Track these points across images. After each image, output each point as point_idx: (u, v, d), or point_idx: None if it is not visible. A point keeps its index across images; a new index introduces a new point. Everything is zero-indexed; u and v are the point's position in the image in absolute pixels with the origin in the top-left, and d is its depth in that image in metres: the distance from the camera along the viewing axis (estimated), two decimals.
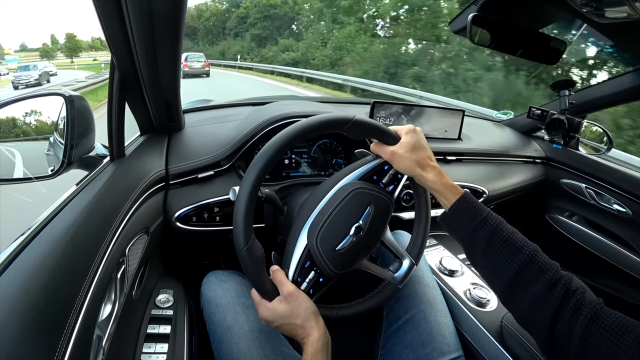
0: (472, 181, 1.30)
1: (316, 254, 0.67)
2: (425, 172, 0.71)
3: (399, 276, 0.78)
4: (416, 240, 0.81)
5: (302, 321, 0.63)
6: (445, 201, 0.70)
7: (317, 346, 0.62)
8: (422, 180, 0.72)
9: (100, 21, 0.63)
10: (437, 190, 0.70)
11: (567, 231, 1.55)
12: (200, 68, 18.41)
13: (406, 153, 0.71)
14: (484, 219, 0.65)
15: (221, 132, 1.06)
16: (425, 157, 0.72)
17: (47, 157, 0.87)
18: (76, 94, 0.82)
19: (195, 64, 18.43)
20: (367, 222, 0.70)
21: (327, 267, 0.67)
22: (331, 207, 0.69)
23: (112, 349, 0.60)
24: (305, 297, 0.66)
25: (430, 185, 0.71)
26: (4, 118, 0.82)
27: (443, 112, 1.36)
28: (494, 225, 0.64)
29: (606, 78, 1.34)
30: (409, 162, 0.71)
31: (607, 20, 0.70)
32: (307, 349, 0.62)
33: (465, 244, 0.68)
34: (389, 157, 0.73)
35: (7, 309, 0.43)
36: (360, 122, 0.70)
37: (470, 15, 0.94)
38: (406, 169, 0.72)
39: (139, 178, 0.82)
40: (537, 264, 0.61)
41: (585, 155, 1.50)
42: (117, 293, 0.65)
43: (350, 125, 0.69)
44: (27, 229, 0.57)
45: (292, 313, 0.64)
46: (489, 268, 0.64)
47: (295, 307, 0.64)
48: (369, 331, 0.94)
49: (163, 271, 1.02)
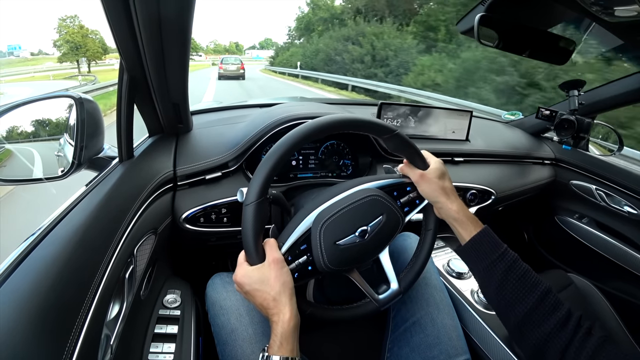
0: (480, 182, 1.29)
1: (316, 240, 0.66)
2: (450, 201, 0.73)
3: (382, 299, 0.75)
4: (411, 269, 0.79)
5: (276, 293, 0.60)
6: (464, 232, 0.71)
7: (287, 328, 0.59)
8: (445, 208, 0.73)
9: (109, 24, 0.64)
10: (459, 221, 0.71)
11: (576, 233, 1.53)
12: (234, 70, 18.70)
13: (434, 179, 0.73)
14: (502, 253, 0.66)
15: (229, 134, 1.06)
16: (451, 187, 0.75)
17: (57, 158, 0.88)
18: (86, 97, 0.83)
19: (230, 66, 18.78)
20: (374, 229, 0.69)
21: (321, 257, 0.66)
22: (345, 203, 0.69)
23: (120, 348, 0.61)
24: (288, 272, 0.63)
25: (453, 215, 0.72)
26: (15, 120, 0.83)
27: (451, 113, 1.35)
28: (511, 260, 0.66)
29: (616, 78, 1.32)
30: (436, 187, 0.73)
31: (616, 19, 0.69)
32: (276, 328, 0.59)
33: (480, 276, 0.69)
34: (417, 179, 0.74)
35: (17, 307, 0.44)
36: (400, 137, 0.72)
37: (478, 15, 0.93)
38: (431, 194, 0.74)
39: (147, 179, 0.83)
40: (552, 300, 0.62)
41: (595, 156, 1.49)
42: (125, 293, 0.66)
43: (390, 136, 0.71)
44: (37, 229, 0.58)
45: (270, 282, 0.61)
46: (504, 302, 0.65)
47: (275, 276, 0.61)
48: (375, 333, 0.93)
49: (171, 272, 1.03)
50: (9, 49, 43.68)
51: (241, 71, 18.85)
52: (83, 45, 37.11)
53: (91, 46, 38.02)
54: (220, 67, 18.99)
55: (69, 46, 37.08)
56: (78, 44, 36.61)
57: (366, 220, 0.69)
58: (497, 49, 0.98)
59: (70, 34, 37.51)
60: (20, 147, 0.85)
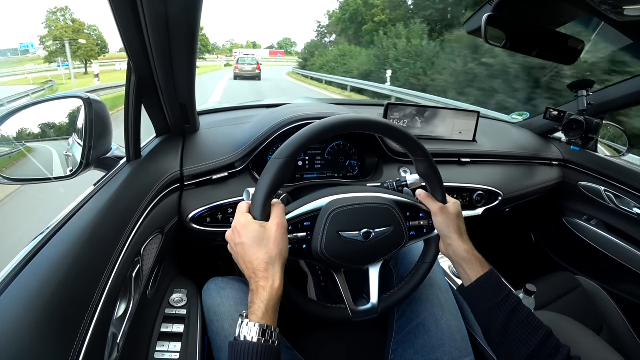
0: (487, 183, 1.29)
1: (322, 222, 0.66)
2: (462, 241, 0.73)
3: (357, 311, 0.71)
4: (395, 294, 0.77)
5: (270, 258, 0.57)
6: (472, 272, 0.71)
7: (275, 296, 0.56)
8: (455, 246, 0.72)
9: (117, 25, 0.64)
10: (467, 260, 0.71)
11: (585, 235, 1.52)
12: (250, 71, 18.56)
13: (452, 215, 0.74)
14: (507, 296, 0.66)
15: (235, 134, 1.07)
16: (464, 228, 0.75)
17: (66, 158, 0.89)
18: (94, 97, 0.84)
19: (246, 66, 18.65)
20: (378, 236, 0.69)
21: (320, 240, 0.65)
22: (360, 202, 0.70)
23: (127, 347, 0.61)
24: (287, 242, 0.61)
25: (462, 254, 0.72)
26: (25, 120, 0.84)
27: (458, 113, 1.34)
28: (515, 303, 0.66)
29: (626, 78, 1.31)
30: (452, 223, 0.73)
31: (626, 19, 0.68)
32: (263, 294, 0.55)
33: (484, 317, 0.69)
34: (436, 211, 0.74)
35: (25, 305, 0.45)
36: (432, 165, 0.74)
37: (485, 15, 0.93)
38: (445, 229, 0.73)
39: (154, 179, 0.84)
40: (553, 343, 0.64)
41: (604, 157, 1.47)
42: (132, 292, 0.67)
43: (424, 159, 0.73)
44: (45, 228, 0.59)
45: (269, 244, 0.57)
46: (507, 344, 0.65)
47: (275, 240, 0.58)
48: (380, 335, 0.93)
49: (177, 271, 1.03)
50: (22, 47, 42.79)
51: (257, 71, 18.69)
52: (75, 43, 32.18)
53: (84, 44, 33.25)
54: (236, 67, 18.94)
55: (58, 44, 32.30)
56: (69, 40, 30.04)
57: (374, 225, 0.69)
58: (504, 49, 0.98)
59: (59, 29, 33.18)
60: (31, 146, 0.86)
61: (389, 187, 1.00)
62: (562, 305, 1.23)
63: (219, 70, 31.26)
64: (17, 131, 0.83)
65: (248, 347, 0.51)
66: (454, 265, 0.74)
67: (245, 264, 0.59)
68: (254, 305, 0.55)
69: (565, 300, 1.25)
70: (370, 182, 1.10)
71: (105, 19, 6.77)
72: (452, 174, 1.24)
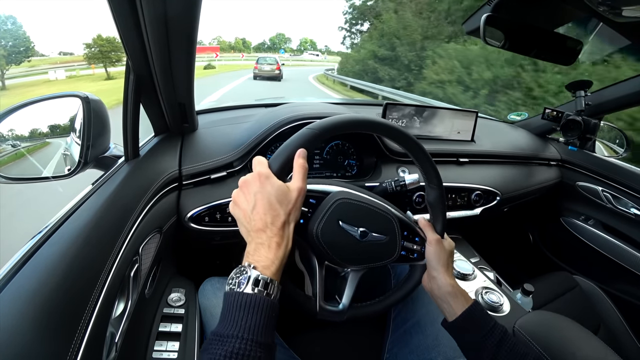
0: (485, 183, 1.29)
1: (326, 206, 0.66)
2: (449, 276, 0.72)
3: (324, 308, 0.69)
4: (366, 307, 0.74)
5: (287, 219, 0.55)
6: (456, 306, 0.69)
7: (286, 257, 0.54)
8: (441, 279, 0.71)
9: (115, 23, 0.64)
10: (452, 294, 0.70)
11: (582, 235, 1.52)
12: (269, 71, 18.19)
13: (446, 250, 0.74)
14: (493, 327, 0.65)
15: (234, 133, 1.07)
16: (452, 267, 0.75)
17: (64, 157, 0.89)
18: (92, 96, 0.83)
19: (265, 66, 18.27)
20: (372, 241, 0.68)
21: (319, 222, 0.65)
22: (367, 203, 0.70)
23: (125, 346, 0.61)
24: (300, 212, 0.59)
25: (447, 287, 0.70)
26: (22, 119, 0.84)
27: (456, 113, 1.35)
28: (501, 333, 0.65)
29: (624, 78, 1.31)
30: (443, 257, 0.73)
31: (624, 20, 0.68)
32: (277, 251, 0.53)
33: (473, 350, 0.68)
34: (432, 240, 0.74)
35: (24, 304, 0.45)
36: (442, 196, 0.75)
37: (484, 15, 0.93)
38: (436, 260, 0.73)
39: (152, 178, 0.84)
40: None
41: (602, 157, 1.48)
42: (130, 291, 0.66)
43: (436, 188, 0.74)
44: (43, 227, 0.59)
45: (289, 205, 0.56)
46: None
47: (294, 204, 0.56)
48: (377, 334, 0.93)
49: (175, 270, 1.03)
50: None
51: (277, 72, 18.20)
52: None
53: None
54: (256, 67, 18.58)
55: None
56: None
57: (372, 228, 0.69)
58: (503, 49, 0.98)
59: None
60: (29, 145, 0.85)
61: (388, 186, 1.00)
62: (560, 304, 1.23)
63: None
64: (15, 130, 0.83)
65: (259, 301, 0.48)
66: (436, 300, 0.72)
67: (259, 214, 0.54)
68: (266, 259, 0.52)
69: (562, 299, 1.26)
70: (369, 181, 1.10)
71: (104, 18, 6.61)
72: (450, 174, 1.25)
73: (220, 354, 0.43)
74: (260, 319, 0.47)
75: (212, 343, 0.45)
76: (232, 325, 0.46)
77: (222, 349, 0.43)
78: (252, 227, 0.54)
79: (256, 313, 0.47)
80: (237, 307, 0.47)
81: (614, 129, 1.53)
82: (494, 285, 1.06)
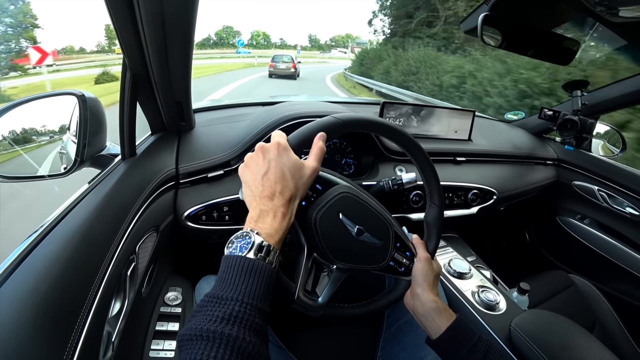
0: (482, 182, 1.29)
1: (329, 196, 0.66)
2: (433, 292, 0.71)
3: (301, 299, 0.66)
4: (343, 309, 0.73)
5: (296, 193, 0.56)
6: (440, 322, 0.68)
7: (287, 229, 0.54)
8: (423, 296, 0.70)
9: (112, 22, 0.64)
10: (436, 309, 0.69)
11: (578, 234, 1.53)
12: (285, 69, 18.10)
13: (434, 270, 0.74)
14: (478, 341, 0.65)
15: (231, 132, 1.06)
16: (438, 286, 0.75)
17: (60, 156, 0.88)
18: (89, 94, 0.83)
19: (281, 64, 18.20)
20: (366, 242, 0.69)
21: (319, 209, 0.64)
22: (370, 205, 0.71)
23: (122, 345, 0.61)
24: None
25: (430, 304, 0.69)
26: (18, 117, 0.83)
27: (453, 112, 1.35)
28: (486, 347, 0.65)
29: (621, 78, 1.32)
30: (430, 275, 0.72)
31: (621, 20, 0.68)
32: (282, 221, 0.53)
33: None
34: (422, 257, 0.73)
35: (20, 304, 0.44)
36: (441, 215, 0.76)
37: (482, 15, 0.93)
38: (421, 277, 0.72)
39: (149, 177, 0.83)
40: None
41: (598, 157, 1.48)
42: (127, 290, 0.66)
43: (437, 208, 0.76)
44: (40, 226, 0.59)
45: (300, 180, 0.56)
46: None
47: (305, 182, 0.58)
48: (371, 332, 0.94)
49: (172, 269, 1.03)
50: None
51: (292, 70, 18.08)
52: None
53: None
54: (271, 65, 18.49)
55: None
56: None
57: (370, 230, 0.69)
58: (500, 48, 0.98)
59: None
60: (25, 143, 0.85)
61: (385, 185, 1.00)
62: (556, 303, 1.24)
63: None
64: (10, 128, 0.82)
65: (261, 267, 0.47)
66: (419, 318, 0.71)
67: (269, 181, 0.54)
68: (271, 228, 0.51)
69: (558, 298, 1.27)
70: (366, 180, 1.10)
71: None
72: (447, 173, 1.25)
73: (217, 315, 0.41)
74: (261, 285, 0.46)
75: (208, 305, 0.43)
76: (232, 288, 0.45)
77: (219, 310, 0.42)
78: (259, 193, 0.54)
79: (258, 279, 0.46)
80: (238, 271, 0.46)
81: (610, 129, 1.53)
82: (490, 283, 1.06)
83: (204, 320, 0.41)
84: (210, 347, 0.38)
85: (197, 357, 0.37)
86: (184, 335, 0.41)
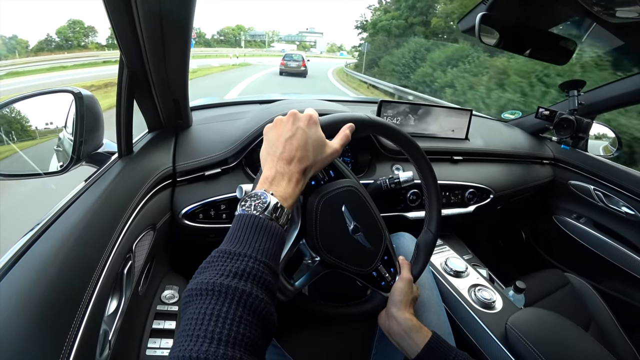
0: (479, 181, 1.30)
1: (339, 185, 0.67)
2: (409, 311, 0.72)
3: (283, 283, 0.66)
4: (313, 305, 0.73)
5: (312, 165, 0.56)
6: (418, 339, 0.68)
7: (298, 197, 0.55)
8: (399, 316, 0.71)
9: (109, 19, 0.64)
10: (412, 327, 0.69)
11: (574, 233, 1.54)
12: (295, 67, 18.75)
13: (413, 293, 0.76)
14: (455, 355, 0.65)
15: (229, 130, 1.06)
16: (414, 307, 0.76)
17: (56, 153, 0.88)
18: (85, 92, 0.82)
19: (292, 62, 18.89)
20: (359, 241, 0.69)
21: (324, 196, 0.65)
22: (373, 208, 0.72)
23: (118, 344, 0.61)
24: None
25: (407, 322, 0.70)
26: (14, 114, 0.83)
27: (450, 111, 1.35)
28: (466, 358, 0.65)
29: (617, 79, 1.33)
30: (408, 296, 0.74)
31: (618, 20, 0.69)
32: (296, 186, 0.53)
33: None
34: (405, 277, 0.75)
35: (16, 302, 0.44)
36: (434, 242, 0.79)
37: (479, 14, 0.93)
38: (399, 296, 0.73)
39: (146, 175, 0.83)
40: None
41: (594, 156, 1.49)
42: (124, 288, 0.66)
43: (432, 235, 0.78)
44: (36, 224, 0.58)
45: (319, 155, 0.57)
46: None
47: (324, 159, 0.58)
48: (367, 331, 0.94)
49: (169, 267, 1.03)
50: None
51: (302, 68, 18.80)
52: None
53: None
54: (282, 63, 19.21)
55: None
56: None
57: (365, 231, 0.69)
58: (498, 48, 0.98)
59: None
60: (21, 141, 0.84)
61: (382, 184, 1.00)
62: (551, 302, 1.24)
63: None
64: (6, 126, 0.82)
65: (274, 228, 0.48)
66: (395, 338, 0.71)
67: (293, 146, 0.55)
68: (285, 192, 0.52)
69: (554, 297, 1.27)
70: (363, 179, 1.10)
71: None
72: (444, 172, 1.25)
73: (229, 270, 0.41)
74: (274, 245, 0.47)
75: (219, 260, 0.43)
76: (245, 245, 0.45)
77: (232, 265, 0.41)
78: (278, 154, 0.55)
79: (271, 239, 0.47)
80: (252, 229, 0.46)
81: (606, 128, 1.54)
82: (486, 282, 1.07)
83: (215, 274, 0.41)
84: (222, 301, 0.38)
85: (208, 311, 0.37)
86: (192, 290, 0.40)
